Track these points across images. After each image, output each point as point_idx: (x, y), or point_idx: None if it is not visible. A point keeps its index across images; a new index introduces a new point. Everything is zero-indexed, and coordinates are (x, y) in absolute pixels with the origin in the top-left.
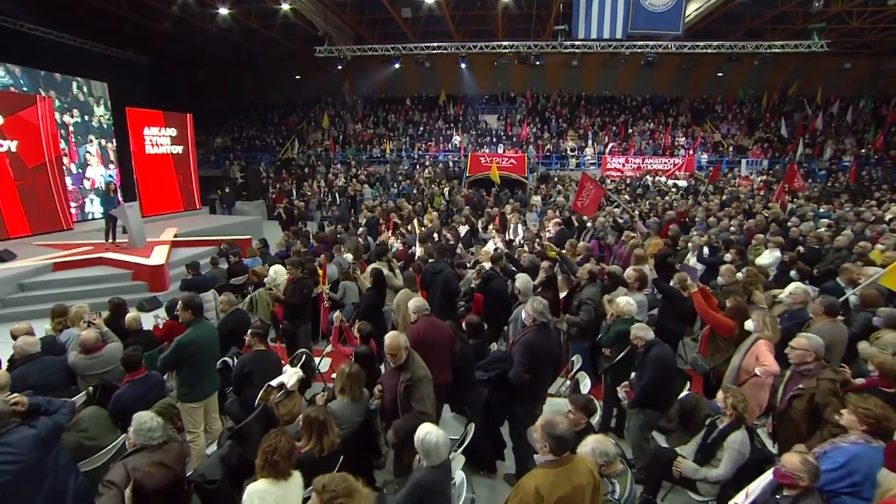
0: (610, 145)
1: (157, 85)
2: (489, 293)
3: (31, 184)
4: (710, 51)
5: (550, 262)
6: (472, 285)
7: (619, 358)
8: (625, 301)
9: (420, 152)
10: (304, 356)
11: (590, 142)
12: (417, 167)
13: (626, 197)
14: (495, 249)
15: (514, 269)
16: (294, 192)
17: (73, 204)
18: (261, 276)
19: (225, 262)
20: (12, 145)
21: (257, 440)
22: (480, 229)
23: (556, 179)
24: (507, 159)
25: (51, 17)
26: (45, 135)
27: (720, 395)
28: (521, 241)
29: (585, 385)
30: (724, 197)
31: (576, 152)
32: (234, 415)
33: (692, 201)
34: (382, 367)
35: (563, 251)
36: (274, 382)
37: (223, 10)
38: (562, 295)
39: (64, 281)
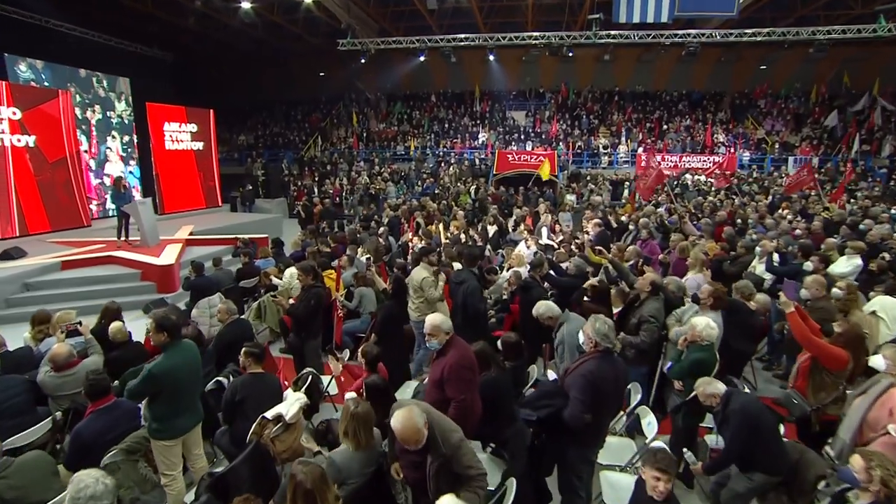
0: (644, 144)
1: (181, 82)
2: (527, 304)
3: (50, 179)
4: (759, 38)
5: (593, 269)
6: (504, 295)
7: (694, 393)
8: (704, 323)
9: (445, 149)
10: (309, 377)
11: (623, 139)
12: (442, 165)
13: (666, 196)
14: (535, 254)
15: (554, 275)
16: (315, 190)
17: (95, 201)
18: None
19: (239, 263)
20: (31, 140)
21: (245, 490)
22: (510, 230)
23: (587, 178)
24: (535, 157)
25: (76, 14)
26: (66, 129)
27: (858, 461)
28: (557, 244)
29: (648, 423)
30: (769, 198)
31: (608, 150)
32: (224, 448)
33: (738, 201)
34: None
35: (612, 256)
36: (270, 414)
37: (245, 4)
38: (615, 310)
39: (70, 280)
